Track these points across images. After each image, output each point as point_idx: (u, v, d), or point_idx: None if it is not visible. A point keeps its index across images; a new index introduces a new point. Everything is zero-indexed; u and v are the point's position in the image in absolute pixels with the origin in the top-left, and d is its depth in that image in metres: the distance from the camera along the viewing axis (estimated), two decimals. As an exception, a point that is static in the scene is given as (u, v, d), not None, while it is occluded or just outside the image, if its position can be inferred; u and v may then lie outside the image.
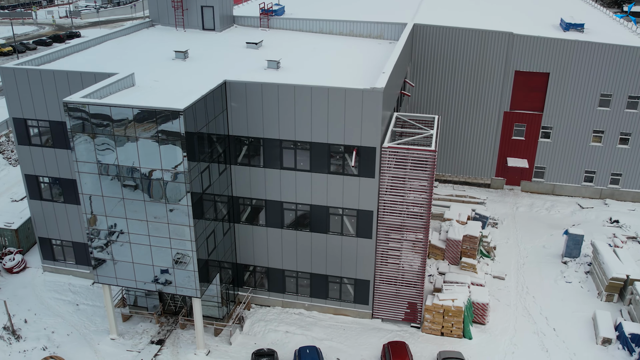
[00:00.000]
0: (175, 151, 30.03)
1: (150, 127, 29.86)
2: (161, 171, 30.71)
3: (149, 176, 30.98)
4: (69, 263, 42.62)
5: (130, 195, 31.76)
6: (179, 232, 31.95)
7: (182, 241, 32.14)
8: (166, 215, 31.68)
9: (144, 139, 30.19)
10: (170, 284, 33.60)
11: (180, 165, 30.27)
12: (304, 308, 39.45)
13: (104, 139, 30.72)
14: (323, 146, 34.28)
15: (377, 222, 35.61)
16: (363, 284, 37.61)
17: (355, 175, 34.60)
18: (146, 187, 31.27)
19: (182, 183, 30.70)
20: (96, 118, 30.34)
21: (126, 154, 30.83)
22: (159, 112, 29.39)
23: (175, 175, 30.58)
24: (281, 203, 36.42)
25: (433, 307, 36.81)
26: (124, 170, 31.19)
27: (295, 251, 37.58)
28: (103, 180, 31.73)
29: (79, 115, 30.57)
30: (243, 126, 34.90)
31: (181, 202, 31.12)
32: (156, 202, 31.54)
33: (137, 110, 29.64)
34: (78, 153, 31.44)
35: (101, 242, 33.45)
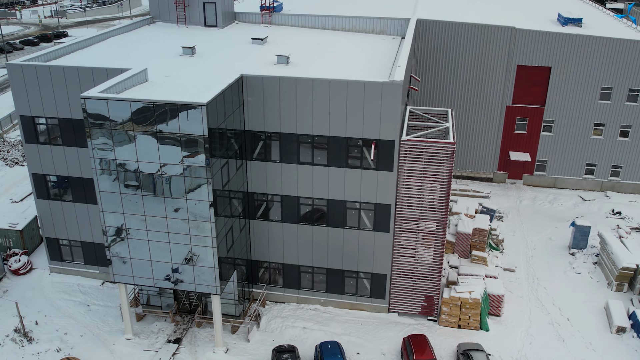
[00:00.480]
0: (197, 146, 29.63)
1: (171, 122, 29.41)
2: (182, 167, 30.29)
3: (169, 172, 30.53)
4: (77, 263, 41.87)
5: (149, 192, 31.27)
6: (199, 228, 31.55)
7: (202, 238, 31.74)
8: (186, 211, 31.26)
9: (164, 134, 29.74)
10: (189, 281, 33.15)
11: (202, 161, 29.87)
12: (320, 304, 39.27)
13: (122, 134, 30.19)
14: (341, 140, 34.14)
15: (394, 216, 35.57)
16: (380, 278, 37.56)
17: (373, 169, 34.52)
18: (166, 183, 30.82)
19: (203, 178, 30.31)
20: (115, 113, 29.80)
21: (145, 150, 30.34)
22: (181, 107, 28.97)
23: (197, 170, 30.18)
24: (297, 198, 36.20)
25: (450, 300, 36.89)
26: (143, 165, 30.68)
27: (311, 246, 37.39)
28: (121, 176, 31.19)
29: (97, 111, 30.00)
30: (259, 121, 34.59)
31: (202, 198, 30.72)
32: (176, 198, 31.10)
33: (158, 105, 29.17)
34: (95, 150, 30.86)
35: (118, 240, 32.89)
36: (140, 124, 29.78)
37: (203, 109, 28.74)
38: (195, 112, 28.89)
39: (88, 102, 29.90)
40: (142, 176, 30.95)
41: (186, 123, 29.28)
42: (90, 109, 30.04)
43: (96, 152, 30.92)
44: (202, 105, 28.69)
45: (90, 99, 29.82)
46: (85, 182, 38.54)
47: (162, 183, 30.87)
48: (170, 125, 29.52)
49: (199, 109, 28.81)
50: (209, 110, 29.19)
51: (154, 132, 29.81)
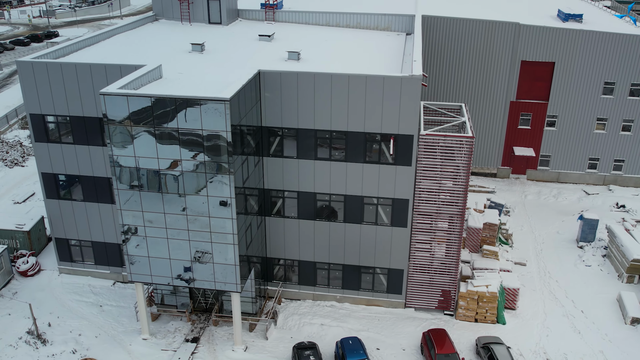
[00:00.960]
0: (219, 142, 29.32)
1: (193, 118, 29.07)
2: (204, 163, 29.95)
3: (190, 169, 30.18)
4: (87, 264, 41.26)
5: (168, 189, 30.88)
6: (220, 225, 31.23)
7: (222, 235, 31.42)
8: (207, 209, 30.92)
9: (185, 130, 29.39)
10: (208, 279, 32.81)
11: (224, 157, 29.56)
12: (336, 300, 39.13)
13: (143, 131, 29.78)
14: (359, 135, 34.03)
15: (412, 211, 35.54)
16: (397, 274, 37.51)
17: (391, 164, 34.44)
18: (187, 180, 30.46)
19: (225, 175, 30.00)
20: (135, 110, 29.38)
21: (165, 146, 29.95)
22: (203, 102, 28.64)
23: (218, 167, 29.87)
24: (314, 194, 36.01)
25: (468, 294, 36.96)
26: (164, 163, 30.30)
27: (327, 243, 37.22)
28: (141, 174, 30.77)
29: (116, 108, 29.56)
30: (277, 117, 34.35)
31: (223, 195, 30.42)
32: (197, 195, 30.75)
33: (179, 101, 28.82)
34: (115, 147, 30.40)
35: (136, 238, 32.44)
36: (162, 119, 29.38)
37: (226, 104, 28.44)
38: (218, 107, 28.59)
39: (107, 99, 29.43)
40: (162, 173, 30.55)
41: (208, 119, 28.96)
42: (109, 105, 29.59)
43: (114, 150, 30.44)
44: (225, 100, 28.40)
45: (110, 95, 29.36)
46: (96, 180, 38.00)
47: (183, 180, 30.50)
48: (191, 122, 29.17)
49: (222, 104, 28.50)
50: (232, 105, 28.89)
51: (174, 128, 29.43)
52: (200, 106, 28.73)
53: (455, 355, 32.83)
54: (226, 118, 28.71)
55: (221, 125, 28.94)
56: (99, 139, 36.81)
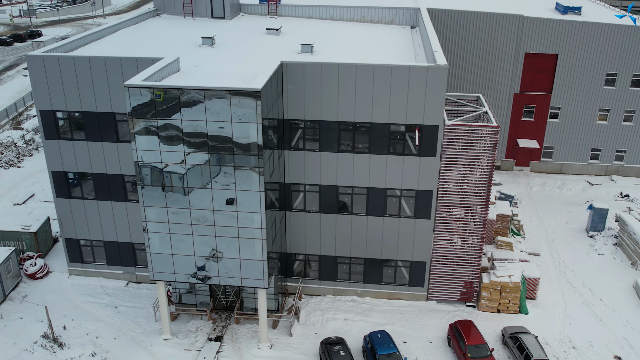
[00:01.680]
0: (249, 134, 28.63)
1: (222, 110, 28.33)
2: (232, 156, 29.21)
3: (218, 162, 29.43)
4: (99, 264, 40.10)
5: (196, 183, 30.07)
6: (248, 220, 30.51)
7: (250, 230, 30.72)
8: (235, 203, 30.18)
9: (214, 123, 28.62)
10: (234, 276, 32.06)
11: (254, 149, 28.87)
12: (357, 295, 38.67)
13: (168, 124, 28.92)
14: (383, 126, 33.63)
15: (436, 202, 35.27)
16: (419, 266, 37.22)
17: (415, 155, 34.12)
18: (215, 173, 29.69)
19: (254, 168, 29.31)
20: (161, 102, 28.51)
21: (194, 139, 29.15)
22: (233, 93, 27.92)
23: (248, 160, 29.17)
24: (337, 187, 35.50)
25: (491, 285, 36.85)
26: (190, 157, 29.48)
27: (349, 237, 36.74)
28: (165, 168, 29.89)
29: (140, 101, 28.65)
30: (299, 109, 33.75)
31: (252, 189, 29.72)
32: (224, 189, 29.99)
33: (209, 92, 28.05)
34: (139, 141, 29.47)
35: (159, 236, 31.53)
36: (190, 112, 28.56)
37: (258, 94, 27.75)
38: (248, 98, 27.88)
39: (132, 92, 28.50)
40: (188, 167, 29.73)
41: (238, 110, 28.24)
42: (133, 99, 28.66)
43: (139, 144, 29.52)
44: (257, 91, 27.71)
45: (134, 88, 28.45)
46: (110, 178, 36.91)
47: (210, 174, 29.73)
48: (220, 114, 28.42)
49: (254, 95, 27.80)
50: (262, 96, 28.21)
51: (202, 120, 28.64)
52: (230, 97, 27.99)
53: (485, 345, 32.67)
54: (257, 109, 28.03)
55: (251, 116, 28.25)
56: (112, 135, 35.75)
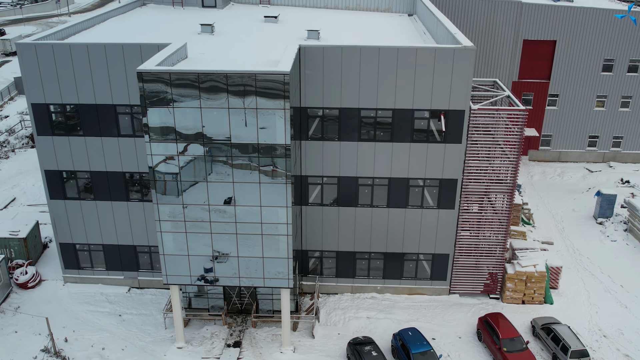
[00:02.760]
0: (275, 121, 26.47)
1: (245, 96, 26.09)
2: (256, 146, 26.99)
3: (240, 152, 27.17)
4: (97, 270, 37.19)
5: (215, 177, 27.73)
6: (272, 215, 28.34)
7: (274, 225, 28.55)
8: (259, 197, 27.98)
9: (236, 110, 26.36)
10: (257, 276, 29.84)
11: (281, 138, 26.74)
12: (376, 291, 36.89)
13: (185, 113, 26.51)
14: (407, 112, 31.92)
15: (460, 191, 33.78)
16: (442, 259, 35.68)
17: (439, 142, 32.54)
18: (237, 165, 27.42)
19: (280, 158, 27.17)
20: (177, 90, 26.09)
21: (214, 129, 26.81)
22: (259, 77, 25.70)
23: (273, 149, 27.01)
24: (356, 179, 33.63)
25: (516, 275, 35.60)
26: (212, 148, 27.14)
27: (369, 230, 34.92)
28: (182, 161, 27.47)
29: (153, 89, 26.16)
30: (317, 96, 31.72)
31: (277, 181, 27.58)
32: (247, 182, 27.75)
33: (231, 77, 25.76)
34: (153, 132, 26.95)
35: (174, 235, 29.04)
36: (209, 99, 26.22)
37: (285, 77, 25.63)
38: (275, 82, 25.72)
39: (145, 78, 25.97)
40: (207, 159, 27.38)
41: (263, 95, 26.05)
42: (146, 86, 26.13)
43: (153, 135, 27.00)
44: (285, 73, 25.58)
45: (148, 73, 25.93)
46: (110, 176, 34.15)
47: (231, 166, 27.44)
48: (243, 100, 26.16)
49: (280, 78, 25.66)
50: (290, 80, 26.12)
51: (225, 107, 26.33)
52: (256, 82, 25.76)
53: (520, 338, 31.33)
54: (284, 93, 25.89)
55: (277, 101, 26.10)
56: (113, 129, 33.02)
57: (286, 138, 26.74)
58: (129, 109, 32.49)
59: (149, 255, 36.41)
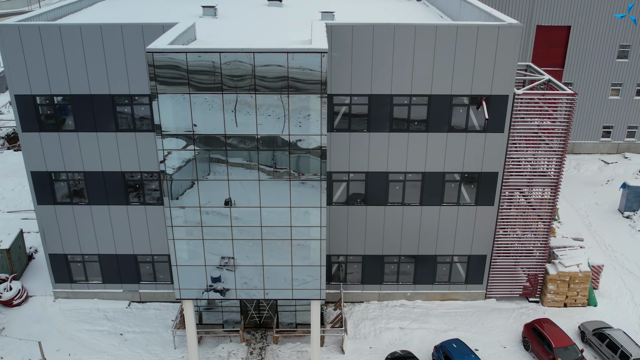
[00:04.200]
0: (310, 106, 22.83)
1: (273, 79, 22.41)
2: (287, 137, 23.32)
3: (267, 145, 23.48)
4: (93, 283, 33.02)
5: (238, 175, 23.97)
6: (304, 217, 24.70)
7: (306, 229, 24.91)
8: (288, 197, 24.31)
9: (265, 95, 22.65)
10: (284, 287, 26.16)
11: (316, 127, 23.13)
12: (406, 298, 33.52)
13: (204, 99, 22.70)
14: (444, 99, 28.58)
15: (501, 185, 30.61)
16: (478, 260, 32.49)
17: (479, 131, 29.31)
18: (265, 161, 23.72)
19: (315, 150, 23.56)
20: (196, 74, 22.26)
21: (237, 118, 23.06)
22: (295, 58, 22.00)
23: (307, 141, 23.37)
24: (387, 174, 30.18)
25: (559, 276, 32.61)
26: (234, 141, 23.39)
27: (399, 231, 31.52)
28: (200, 157, 23.66)
29: (165, 72, 22.28)
30: (345, 82, 28.17)
31: (312, 177, 23.96)
32: (273, 180, 24.06)
33: (259, 56, 22.03)
34: (164, 122, 23.06)
35: (188, 243, 25.18)
36: (229, 85, 22.46)
37: (323, 57, 22.01)
38: (311, 61, 22.08)
39: (156, 59, 22.08)
40: (229, 152, 23.62)
41: (297, 80, 22.39)
42: (158, 71, 22.25)
43: (165, 125, 23.11)
44: (322, 51, 21.95)
45: (160, 53, 22.03)
46: (107, 177, 30.07)
47: (258, 160, 23.71)
48: (271, 83, 22.47)
49: (317, 59, 22.02)
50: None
51: (249, 91, 22.59)
52: (288, 63, 22.08)
53: (574, 347, 28.33)
54: (322, 75, 22.27)
55: (314, 85, 22.46)
56: (110, 123, 28.96)
57: (322, 128, 23.12)
58: (128, 100, 28.47)
59: (151, 265, 32.42)
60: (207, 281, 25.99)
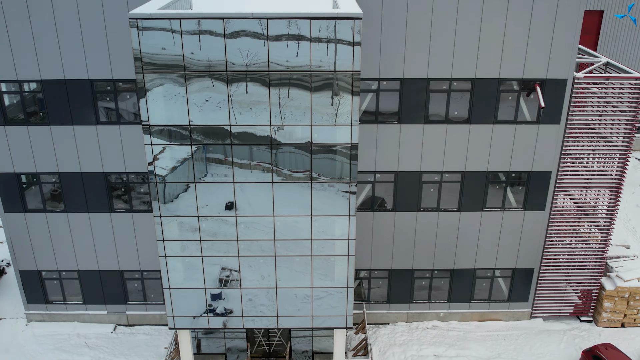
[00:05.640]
0: (340, 85, 18.06)
1: (293, 53, 17.64)
2: (309, 129, 18.55)
3: (285, 139, 18.70)
4: (72, 304, 28.13)
5: (247, 177, 19.19)
6: (325, 228, 19.93)
7: (330, 243, 20.15)
8: (309, 203, 19.52)
9: (281, 74, 17.87)
10: (302, 313, 21.37)
11: (345, 111, 18.36)
12: (438, 319, 28.78)
13: (204, 80, 17.89)
14: (491, 84, 23.87)
15: (554, 187, 25.92)
16: (524, 274, 27.79)
17: (531, 122, 24.60)
18: (282, 161, 18.94)
19: (344, 147, 18.80)
20: (191, 47, 17.46)
21: (248, 106, 18.27)
22: (320, 26, 17.22)
23: (333, 133, 18.62)
24: (420, 174, 25.43)
25: (617, 292, 27.95)
26: (241, 134, 18.59)
27: (434, 241, 26.78)
28: (198, 155, 18.86)
29: (155, 46, 17.47)
30: (373, 63, 23.39)
31: (340, 178, 19.21)
32: (287, 182, 19.29)
33: (274, 23, 17.24)
34: (152, 110, 18.26)
35: (184, 261, 20.38)
36: (236, 64, 17.67)
37: (356, 22, 17.21)
38: (341, 31, 17.31)
39: (143, 26, 17.26)
40: (238, 150, 18.83)
41: (320, 51, 17.62)
42: (145, 41, 17.44)
43: (154, 115, 18.31)
44: (356, 17, 17.16)
45: (148, 19, 17.20)
46: (87, 179, 25.20)
47: (273, 159, 18.94)
48: (291, 58, 17.69)
49: (349, 28, 17.24)
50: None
51: (261, 70, 17.81)
52: (311, 31, 17.31)
53: (648, 380, 23.68)
54: (353, 49, 17.50)
55: (346, 60, 17.68)
56: (89, 115, 24.10)
57: (353, 117, 18.35)
58: (111, 86, 23.62)
59: (140, 282, 27.56)
60: (207, 307, 21.17)
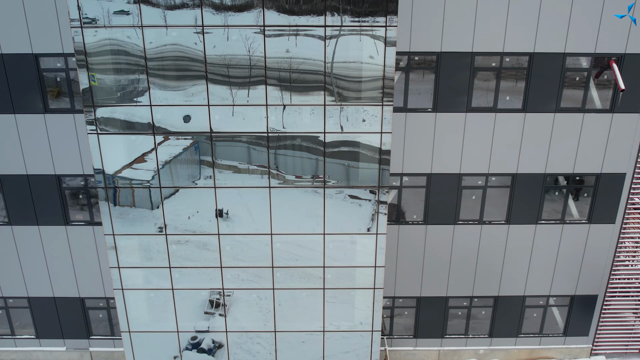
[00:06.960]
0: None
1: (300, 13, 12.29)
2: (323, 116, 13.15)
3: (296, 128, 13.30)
4: (22, 338, 22.69)
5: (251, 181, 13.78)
6: (342, 251, 14.49)
7: (349, 271, 14.69)
8: (321, 216, 14.10)
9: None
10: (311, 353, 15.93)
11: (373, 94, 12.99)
12: (477, 357, 23.29)
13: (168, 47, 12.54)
14: (553, 60, 18.46)
15: (628, 193, 20.48)
16: (585, 302, 22.33)
17: (603, 111, 19.20)
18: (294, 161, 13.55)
19: (372, 148, 13.39)
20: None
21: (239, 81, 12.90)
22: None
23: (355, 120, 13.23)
24: (459, 177, 20.00)
25: (700, 325, 22.49)
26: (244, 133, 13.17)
27: (474, 261, 21.33)
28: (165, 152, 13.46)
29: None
30: (402, 33, 18.00)
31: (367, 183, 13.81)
32: (290, 187, 13.88)
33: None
34: (99, 96, 12.87)
35: (151, 296, 14.95)
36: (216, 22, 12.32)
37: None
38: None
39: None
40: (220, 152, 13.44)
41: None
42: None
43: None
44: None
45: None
46: (34, 184, 19.82)
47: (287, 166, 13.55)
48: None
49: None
50: None
51: (256, 25, 12.41)
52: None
53: None
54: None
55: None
56: (36, 101, 18.73)
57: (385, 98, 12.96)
58: (62, 63, 18.27)
59: (106, 312, 22.12)
60: (180, 346, 15.71)
